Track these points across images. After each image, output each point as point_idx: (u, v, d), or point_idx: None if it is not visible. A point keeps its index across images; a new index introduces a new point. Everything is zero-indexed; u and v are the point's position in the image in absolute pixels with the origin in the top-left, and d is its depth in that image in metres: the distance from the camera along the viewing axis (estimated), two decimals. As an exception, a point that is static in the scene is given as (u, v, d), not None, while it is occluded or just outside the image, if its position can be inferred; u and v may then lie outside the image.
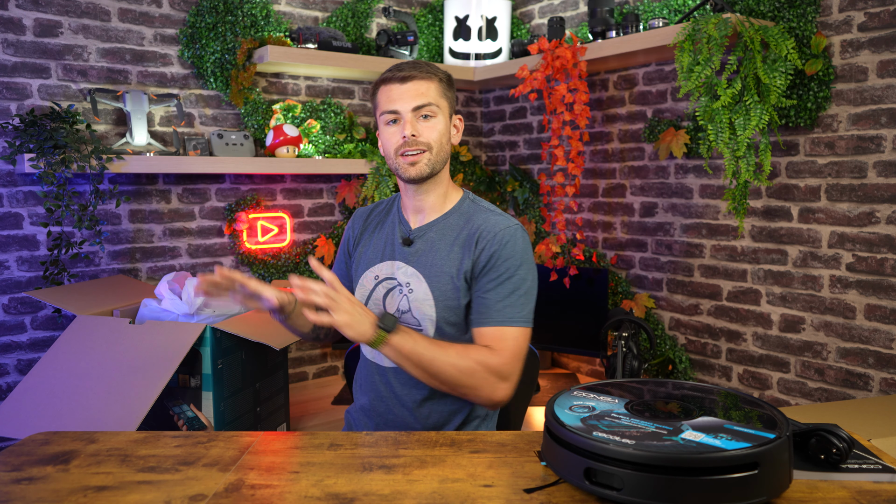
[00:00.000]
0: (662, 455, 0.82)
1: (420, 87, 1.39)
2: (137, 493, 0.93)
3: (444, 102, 1.42)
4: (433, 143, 1.40)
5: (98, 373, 1.82)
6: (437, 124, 1.40)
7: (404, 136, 1.38)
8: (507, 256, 1.38)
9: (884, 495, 0.89)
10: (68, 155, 2.26)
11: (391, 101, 1.40)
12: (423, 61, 1.44)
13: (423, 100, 1.39)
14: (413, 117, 1.38)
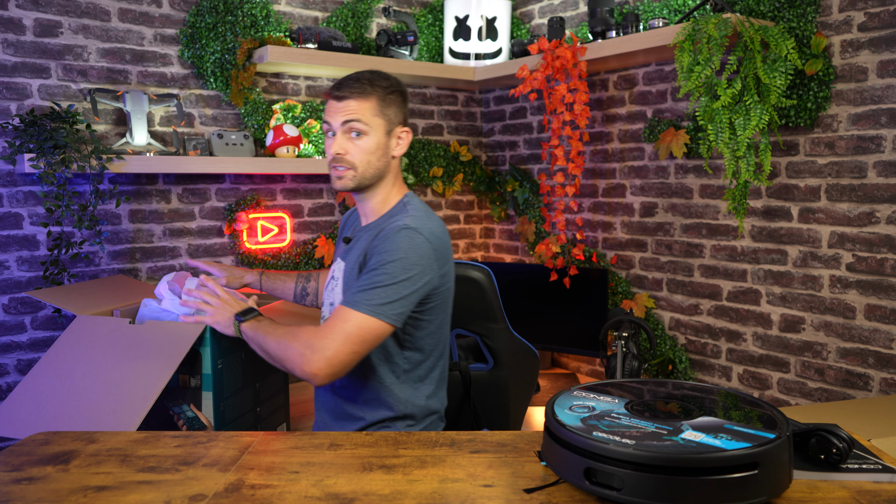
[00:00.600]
0: (662, 455, 0.82)
1: (351, 105, 1.46)
2: (137, 493, 0.93)
3: (378, 121, 1.48)
4: (358, 164, 1.48)
5: (98, 373, 1.82)
6: (367, 143, 1.47)
7: (330, 152, 1.49)
8: (382, 251, 1.43)
9: (884, 495, 0.89)
10: (68, 155, 2.26)
11: (327, 114, 1.50)
12: (368, 74, 1.49)
13: (351, 117, 1.46)
14: (342, 134, 1.47)
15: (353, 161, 1.48)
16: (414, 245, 1.40)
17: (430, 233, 1.44)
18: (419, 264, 1.40)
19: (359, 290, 1.40)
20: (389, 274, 1.38)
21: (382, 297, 1.38)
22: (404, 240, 1.41)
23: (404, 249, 1.40)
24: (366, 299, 1.38)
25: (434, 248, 1.44)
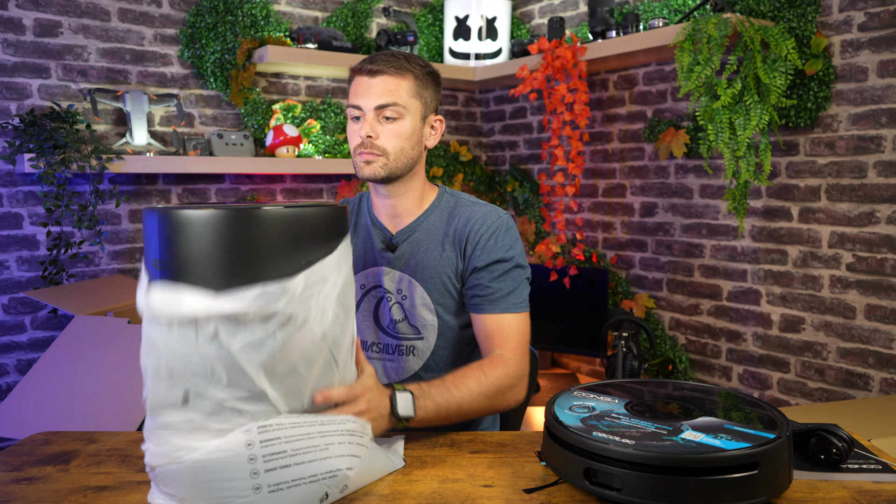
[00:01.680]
0: (662, 455, 0.82)
1: (388, 83, 1.27)
2: (137, 493, 0.93)
3: (415, 103, 1.30)
4: (391, 150, 1.29)
5: (97, 373, 1.82)
6: (401, 127, 1.29)
7: (361, 136, 1.28)
8: (504, 247, 1.33)
9: (884, 495, 0.89)
10: (68, 155, 2.26)
11: (356, 95, 1.29)
12: (404, 53, 1.32)
13: (387, 98, 1.27)
14: (374, 117, 1.28)
15: (385, 146, 1.28)
16: (517, 231, 1.39)
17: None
18: (523, 248, 1.41)
19: (508, 293, 1.31)
20: (519, 264, 1.35)
21: (524, 290, 1.35)
22: (513, 228, 1.37)
23: (516, 238, 1.37)
24: (520, 300, 1.33)
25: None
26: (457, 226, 1.35)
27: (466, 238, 1.34)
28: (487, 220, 1.34)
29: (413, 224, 1.37)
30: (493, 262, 1.32)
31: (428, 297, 1.34)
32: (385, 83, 1.27)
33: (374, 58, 1.30)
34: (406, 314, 1.35)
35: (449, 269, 1.34)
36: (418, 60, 1.32)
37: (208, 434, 0.85)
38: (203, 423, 0.85)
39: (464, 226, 1.34)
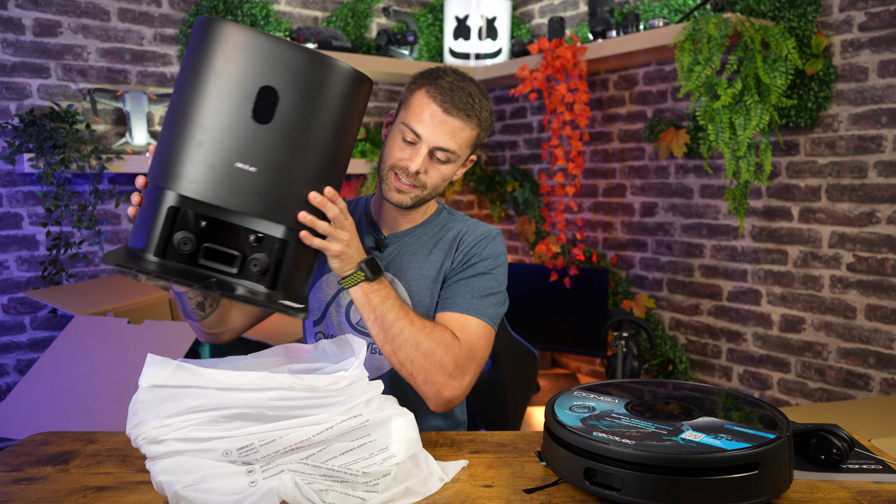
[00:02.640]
0: (662, 455, 0.82)
1: (457, 129, 1.25)
2: (137, 493, 0.93)
3: (466, 152, 1.30)
4: (430, 186, 1.29)
5: (97, 373, 1.82)
6: (446, 170, 1.29)
7: (408, 165, 1.25)
8: (485, 256, 1.32)
9: (884, 495, 0.89)
10: (68, 155, 2.26)
11: (421, 123, 1.24)
12: (478, 92, 1.28)
13: (450, 144, 1.25)
14: (428, 153, 1.25)
15: (426, 182, 1.28)
16: (505, 251, 1.38)
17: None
18: (506, 272, 1.38)
19: (475, 297, 1.28)
20: (498, 280, 1.33)
21: (494, 305, 1.31)
22: (500, 245, 1.36)
23: (502, 255, 1.35)
24: (485, 308, 1.28)
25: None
26: (448, 234, 1.37)
27: (457, 243, 1.35)
28: (479, 229, 1.36)
29: (408, 230, 1.38)
30: (471, 267, 1.31)
31: (409, 297, 1.33)
32: (455, 127, 1.25)
33: (455, 93, 1.25)
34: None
35: (433, 272, 1.33)
36: (486, 105, 1.29)
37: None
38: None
39: (455, 233, 1.36)
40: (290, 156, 0.98)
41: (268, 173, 0.97)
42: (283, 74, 0.96)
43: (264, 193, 0.97)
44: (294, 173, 1.00)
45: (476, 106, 1.26)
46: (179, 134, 0.95)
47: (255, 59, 0.95)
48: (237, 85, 0.95)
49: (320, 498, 0.84)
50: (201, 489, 0.82)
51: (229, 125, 0.95)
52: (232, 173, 0.95)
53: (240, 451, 0.86)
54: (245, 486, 0.83)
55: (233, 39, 0.96)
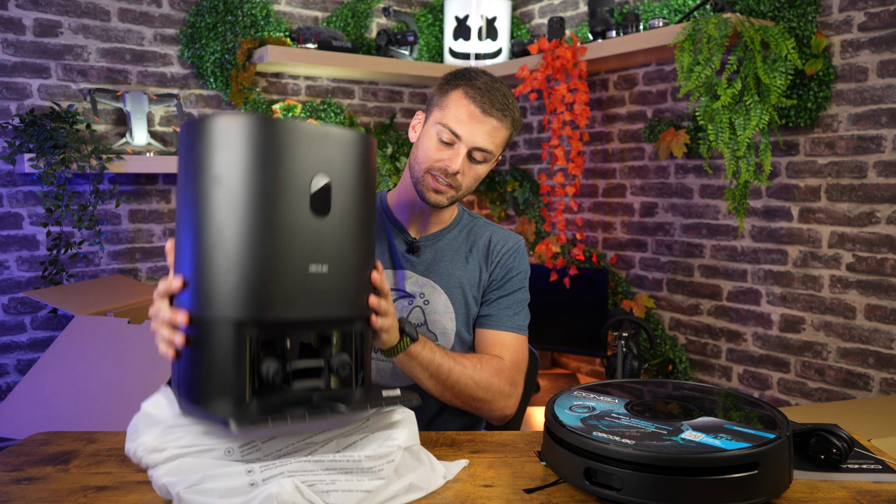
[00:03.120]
0: (662, 455, 0.82)
1: (495, 129, 1.25)
2: (137, 493, 0.93)
3: (500, 152, 1.31)
4: (465, 187, 1.29)
5: (97, 373, 1.82)
6: (482, 170, 1.30)
7: (447, 165, 1.24)
8: (519, 269, 1.37)
9: (884, 495, 0.89)
10: (68, 155, 2.26)
11: (460, 123, 1.23)
12: (509, 93, 1.28)
13: (489, 144, 1.25)
14: (467, 154, 1.25)
15: (461, 183, 1.28)
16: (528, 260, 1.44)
17: None
18: None
19: (515, 313, 1.35)
20: (526, 291, 1.39)
21: (526, 314, 1.38)
22: (525, 257, 1.41)
23: (527, 266, 1.41)
24: (523, 323, 1.36)
25: None
26: (480, 242, 1.38)
27: (493, 254, 1.37)
28: (509, 241, 1.38)
29: (437, 234, 1.38)
30: (509, 282, 1.36)
31: (451, 305, 1.34)
32: (492, 127, 1.25)
33: (493, 94, 1.24)
34: (426, 319, 1.33)
35: (472, 282, 1.36)
36: (517, 105, 1.30)
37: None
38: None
39: (486, 242, 1.38)
40: (351, 243, 0.93)
41: (339, 268, 0.91)
42: (330, 159, 0.89)
43: (341, 291, 0.91)
44: (358, 259, 0.94)
45: (510, 106, 1.27)
46: (230, 252, 0.84)
47: (300, 149, 0.86)
48: (290, 180, 0.86)
49: (323, 500, 0.83)
50: (202, 490, 0.82)
51: (293, 227, 0.86)
52: (307, 279, 0.87)
53: (241, 448, 0.86)
54: (245, 488, 0.83)
55: (255, 132, 0.84)
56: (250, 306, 0.84)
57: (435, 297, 1.33)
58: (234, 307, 0.84)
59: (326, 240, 0.89)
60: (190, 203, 0.85)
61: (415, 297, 1.33)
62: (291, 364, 0.89)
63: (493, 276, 1.36)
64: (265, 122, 0.84)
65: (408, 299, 1.33)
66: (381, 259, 1.35)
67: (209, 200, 0.84)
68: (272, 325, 0.87)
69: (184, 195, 0.87)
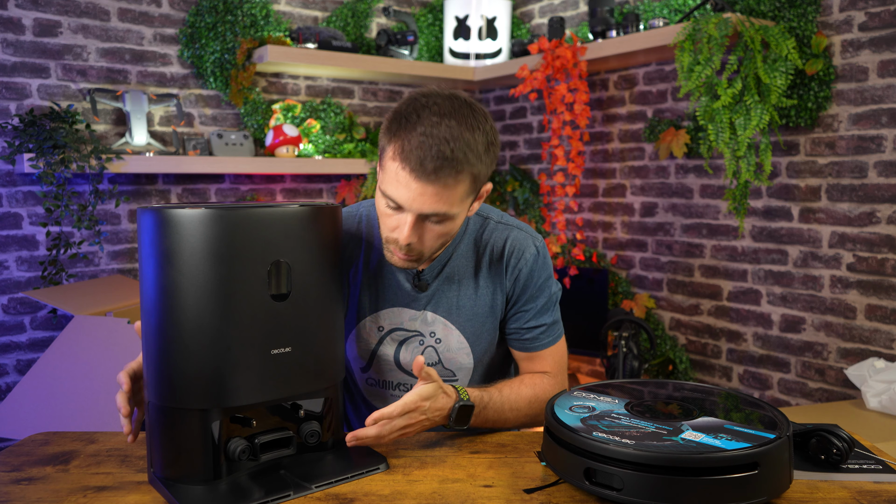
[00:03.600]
0: (662, 455, 0.82)
1: (441, 193, 1.05)
2: (137, 493, 0.93)
3: (468, 201, 1.12)
4: (428, 250, 1.14)
5: (96, 373, 1.82)
6: (446, 228, 1.11)
7: (397, 238, 1.10)
8: (543, 276, 1.26)
9: (884, 495, 0.89)
10: (68, 155, 2.26)
11: (396, 189, 1.05)
12: (460, 138, 1.03)
13: (437, 209, 1.06)
14: (417, 220, 1.08)
15: (423, 249, 1.13)
16: (550, 258, 1.36)
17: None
18: None
19: (549, 321, 1.27)
20: (555, 290, 1.30)
21: (559, 316, 1.31)
22: (549, 256, 1.31)
23: (550, 267, 1.31)
24: (560, 328, 1.31)
25: None
26: (491, 256, 1.25)
27: (505, 269, 1.25)
28: (528, 249, 1.25)
29: (443, 258, 1.24)
30: (536, 299, 1.26)
31: (465, 341, 1.25)
32: (435, 191, 1.04)
33: (425, 152, 1.02)
34: (440, 357, 1.26)
35: (486, 306, 1.25)
36: (477, 138, 1.06)
37: None
38: None
39: (499, 254, 1.24)
40: (314, 319, 0.95)
41: (303, 347, 0.94)
42: (288, 240, 0.91)
43: (306, 367, 0.95)
44: (323, 333, 0.97)
45: (459, 156, 1.03)
46: (191, 344, 0.86)
47: (256, 237, 0.88)
48: (246, 269, 0.88)
49: None
50: None
51: (252, 314, 0.88)
52: (270, 362, 0.91)
53: None
54: None
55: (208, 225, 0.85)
56: (214, 396, 0.88)
57: (447, 334, 1.25)
58: (198, 398, 0.88)
59: (288, 322, 0.92)
60: (150, 293, 0.88)
61: (425, 336, 1.25)
62: (259, 438, 0.93)
63: (515, 293, 1.25)
64: (219, 215, 0.86)
65: (419, 339, 1.25)
66: (385, 296, 1.25)
67: (167, 292, 0.86)
68: (238, 409, 0.91)
69: (144, 284, 0.90)
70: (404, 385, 1.28)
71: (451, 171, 1.03)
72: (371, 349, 1.27)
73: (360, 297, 1.27)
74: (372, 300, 1.26)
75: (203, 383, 0.87)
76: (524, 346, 1.28)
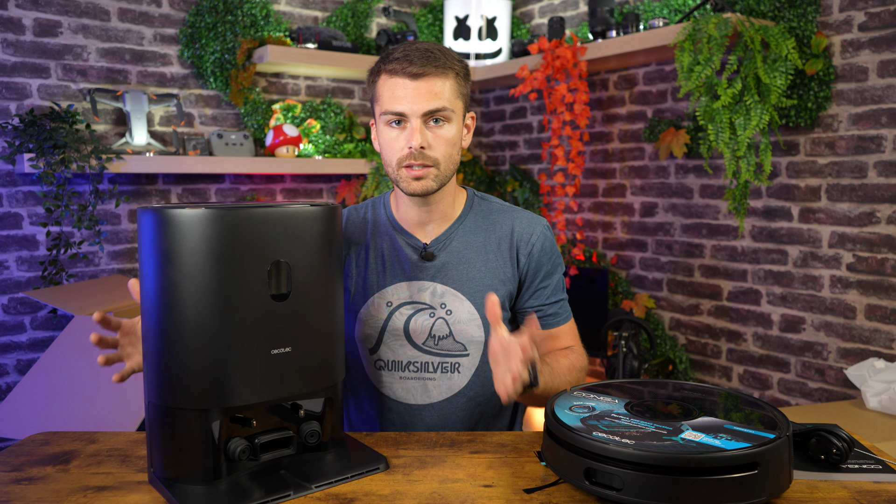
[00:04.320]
0: (662, 455, 0.82)
1: (434, 86, 1.16)
2: (137, 493, 0.93)
3: (459, 103, 1.21)
4: (442, 158, 1.19)
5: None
6: (450, 131, 1.19)
7: (410, 147, 1.16)
8: (551, 256, 1.32)
9: (884, 495, 0.89)
10: (68, 155, 2.26)
11: (396, 100, 1.16)
12: (436, 46, 1.19)
13: (436, 103, 1.16)
14: (422, 123, 1.17)
15: (436, 156, 1.18)
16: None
17: None
18: None
19: (562, 298, 1.36)
20: (561, 267, 1.36)
21: (565, 293, 1.39)
22: (553, 237, 1.35)
23: (556, 246, 1.36)
24: (567, 307, 1.39)
25: None
26: (500, 234, 1.29)
27: (517, 250, 1.29)
28: (535, 231, 1.30)
29: (448, 231, 1.28)
30: (547, 274, 1.32)
31: (476, 312, 1.26)
32: (431, 85, 1.16)
33: (411, 56, 1.16)
34: (451, 330, 1.26)
35: (496, 281, 1.27)
36: (454, 54, 1.21)
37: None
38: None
39: (509, 236, 1.29)
40: (315, 319, 0.96)
41: (303, 346, 0.94)
42: (289, 240, 0.91)
43: (306, 367, 0.95)
44: (324, 333, 0.97)
45: (438, 55, 1.17)
46: (191, 344, 0.87)
47: (256, 237, 0.88)
48: (247, 269, 0.88)
49: None
50: None
51: (253, 314, 0.89)
52: (270, 362, 0.91)
53: None
54: None
55: (209, 225, 0.85)
56: (214, 396, 0.88)
57: (457, 305, 1.26)
58: (198, 398, 0.88)
59: (288, 322, 0.92)
60: (150, 293, 0.88)
61: (436, 308, 1.26)
62: (259, 438, 0.93)
63: (526, 274, 1.30)
64: (219, 215, 0.86)
65: (429, 311, 1.26)
66: (393, 271, 1.28)
67: (168, 292, 0.87)
68: (238, 408, 0.91)
69: (144, 284, 0.90)
70: (414, 364, 1.28)
71: (437, 63, 1.16)
72: (380, 327, 1.28)
73: (367, 276, 1.29)
74: (380, 277, 1.29)
75: (203, 383, 0.88)
76: (546, 323, 1.33)
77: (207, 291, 0.86)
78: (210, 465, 0.90)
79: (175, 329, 0.87)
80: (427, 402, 1.29)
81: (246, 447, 0.91)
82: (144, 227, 0.88)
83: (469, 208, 1.31)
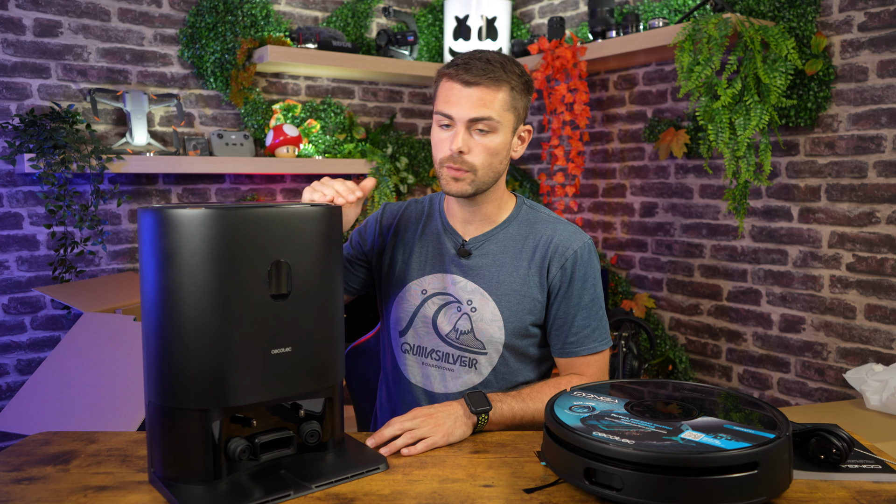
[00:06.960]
0: (662, 455, 0.82)
1: (485, 96, 1.21)
2: (137, 493, 0.93)
3: (509, 116, 1.25)
4: (480, 166, 1.23)
5: (102, 370, 1.82)
6: (493, 141, 1.23)
7: (451, 150, 1.23)
8: (587, 276, 1.29)
9: (884, 495, 0.89)
10: (68, 155, 2.26)
11: (447, 104, 1.23)
12: (500, 58, 1.23)
13: (483, 112, 1.21)
14: (466, 129, 1.22)
15: (474, 162, 1.23)
16: (598, 259, 1.35)
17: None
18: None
19: (591, 328, 1.29)
20: (601, 297, 1.32)
21: (606, 323, 1.32)
22: (595, 255, 1.32)
23: (597, 264, 1.33)
24: (602, 334, 1.31)
25: None
26: (538, 243, 1.30)
27: (550, 260, 1.29)
28: (573, 244, 1.29)
29: (489, 233, 1.33)
30: (577, 292, 1.28)
31: (500, 314, 1.29)
32: (480, 94, 1.21)
33: (470, 65, 1.21)
34: (473, 327, 1.30)
35: (526, 289, 1.29)
36: (515, 69, 1.24)
37: None
38: None
39: (546, 245, 1.30)
40: (315, 319, 0.96)
41: (303, 346, 0.94)
42: (288, 240, 0.91)
43: (306, 367, 0.95)
44: (324, 333, 0.97)
45: (497, 67, 1.21)
46: (191, 344, 0.87)
47: (256, 237, 0.89)
48: (247, 269, 0.88)
49: None
50: None
51: (252, 314, 0.89)
52: (270, 362, 0.91)
53: None
54: None
55: (209, 225, 0.86)
56: (214, 395, 0.88)
57: (483, 304, 1.30)
58: (198, 398, 0.88)
59: (288, 322, 0.92)
60: (151, 293, 0.88)
61: (462, 303, 1.31)
62: (259, 438, 0.93)
63: (553, 285, 1.29)
64: (219, 215, 0.86)
65: (456, 305, 1.31)
66: (433, 262, 1.35)
67: (168, 292, 0.87)
68: (238, 408, 0.91)
69: (145, 284, 0.90)
70: (437, 353, 1.33)
71: (493, 75, 1.21)
72: (412, 311, 1.35)
73: (410, 262, 1.36)
74: (421, 264, 1.36)
75: (203, 383, 0.88)
76: (565, 348, 1.30)
77: (208, 291, 0.86)
78: (210, 464, 0.90)
79: (175, 329, 0.87)
80: (444, 392, 1.33)
81: (246, 447, 0.91)
82: (145, 227, 0.88)
83: (515, 215, 1.35)
